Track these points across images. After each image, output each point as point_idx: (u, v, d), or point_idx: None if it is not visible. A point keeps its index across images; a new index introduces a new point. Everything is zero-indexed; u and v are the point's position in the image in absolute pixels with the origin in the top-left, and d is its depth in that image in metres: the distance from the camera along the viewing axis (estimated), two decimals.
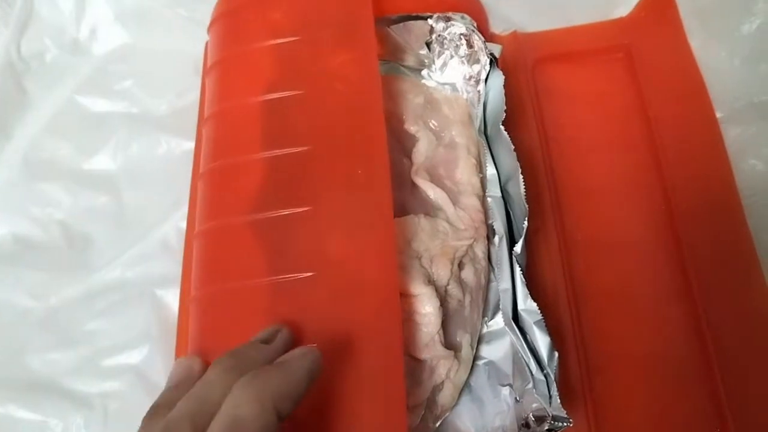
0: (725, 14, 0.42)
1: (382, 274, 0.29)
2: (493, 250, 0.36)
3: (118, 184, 0.42)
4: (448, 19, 0.39)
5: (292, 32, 0.36)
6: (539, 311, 0.31)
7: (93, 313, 0.38)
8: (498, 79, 0.36)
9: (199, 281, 0.33)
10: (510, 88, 0.40)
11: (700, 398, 0.34)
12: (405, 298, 0.32)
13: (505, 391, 0.33)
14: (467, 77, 0.41)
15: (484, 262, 0.35)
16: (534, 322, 0.31)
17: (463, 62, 0.40)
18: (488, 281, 0.36)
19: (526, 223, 0.32)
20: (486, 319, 0.35)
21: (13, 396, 0.36)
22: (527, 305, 0.32)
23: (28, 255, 0.40)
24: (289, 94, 0.35)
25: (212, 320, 0.31)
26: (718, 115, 0.40)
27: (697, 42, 0.42)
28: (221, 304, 0.31)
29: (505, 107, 0.35)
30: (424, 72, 0.42)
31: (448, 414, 0.33)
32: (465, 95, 0.41)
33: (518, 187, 0.33)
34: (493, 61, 0.37)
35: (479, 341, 0.35)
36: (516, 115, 0.40)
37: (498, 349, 0.34)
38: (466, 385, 0.34)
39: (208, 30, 0.40)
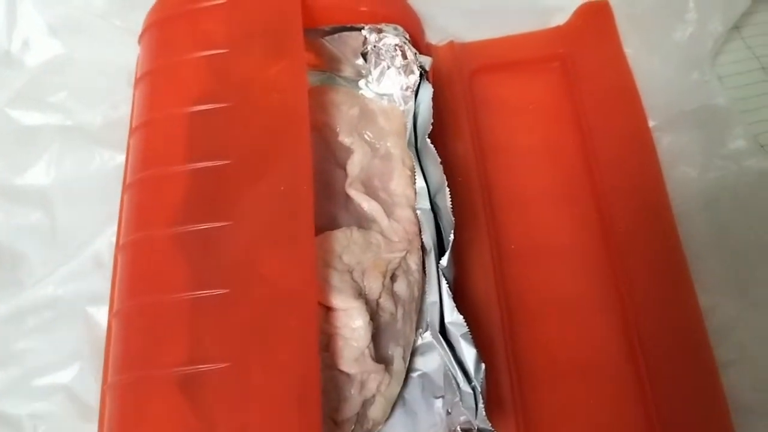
0: (659, 22, 0.43)
1: (301, 288, 0.29)
2: (427, 262, 0.36)
3: (51, 200, 0.42)
4: (380, 31, 0.39)
5: (221, 44, 0.36)
6: (465, 324, 0.31)
7: (23, 331, 0.38)
8: (427, 91, 0.37)
9: (120, 295, 0.33)
10: (446, 99, 0.40)
11: (631, 408, 0.34)
12: (334, 312, 0.33)
13: (438, 403, 0.34)
14: (404, 87, 0.41)
15: (417, 274, 0.36)
16: (461, 335, 0.31)
17: (399, 72, 0.41)
18: (422, 293, 0.36)
19: (452, 235, 0.33)
20: (420, 330, 0.36)
21: None
22: (454, 318, 0.32)
23: None
24: (216, 107, 0.35)
25: (130, 335, 0.32)
26: (651, 123, 0.41)
27: (632, 50, 0.42)
28: (140, 319, 0.32)
29: (432, 120, 0.35)
30: (362, 82, 0.42)
31: (380, 428, 0.33)
32: (402, 106, 0.41)
33: (445, 200, 0.34)
34: (423, 74, 0.38)
35: (414, 353, 0.35)
36: (451, 126, 0.40)
37: (431, 361, 0.35)
38: (400, 398, 0.34)
39: (139, 40, 0.40)
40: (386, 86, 0.41)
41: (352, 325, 0.32)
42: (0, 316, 0.38)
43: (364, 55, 0.41)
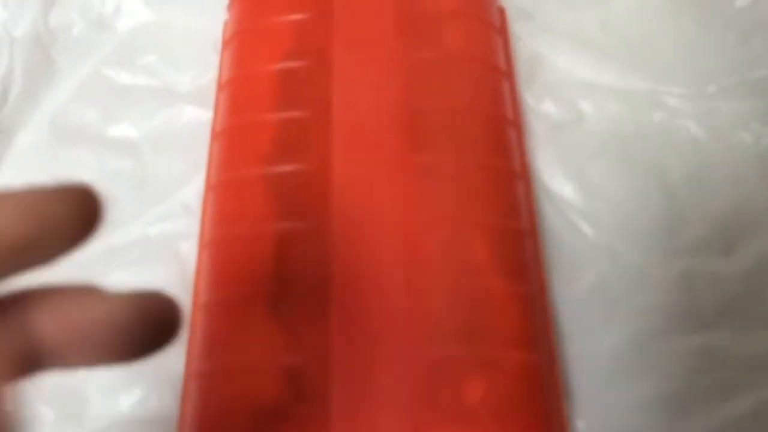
0: None
1: None
2: None
3: (141, 150, 0.47)
4: None
5: (309, 10, 0.41)
6: None
7: (115, 266, 0.43)
8: None
9: (212, 227, 0.38)
10: None
11: None
12: None
13: None
14: None
15: None
16: None
17: None
18: None
19: None
20: None
21: None
22: None
23: None
24: (303, 64, 0.40)
25: (220, 263, 0.37)
26: (711, 89, 0.44)
27: (695, 15, 0.46)
28: (230, 249, 0.37)
29: None
30: None
31: None
32: None
33: None
34: None
35: None
36: None
37: None
38: None
39: (228, 7, 0.46)
40: None
41: None
42: (94, 252, 0.44)
43: None
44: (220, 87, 0.44)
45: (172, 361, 0.39)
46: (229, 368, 0.34)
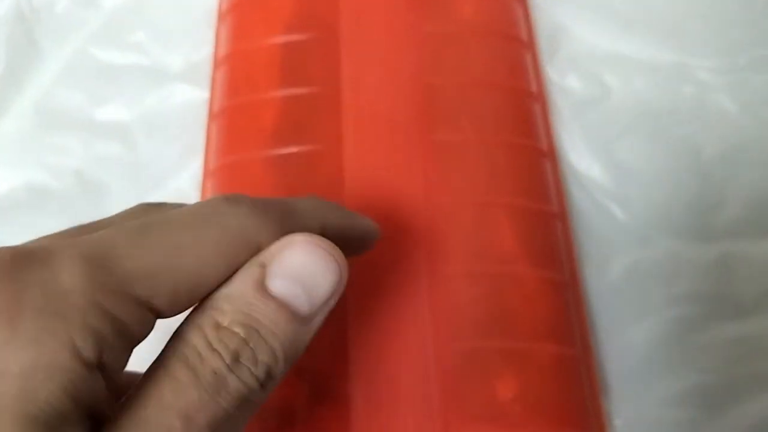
0: None
1: None
2: None
3: (132, 134, 0.44)
4: None
5: None
6: None
7: None
8: None
9: None
10: None
11: None
12: None
13: None
14: None
15: None
16: None
17: None
18: None
19: None
20: None
21: None
22: None
23: (41, 203, 0.43)
24: (306, 37, 0.37)
25: None
26: (741, 62, 0.42)
27: None
28: None
29: None
30: None
31: None
32: None
33: None
34: None
35: None
36: None
37: None
38: None
39: None
40: None
41: None
42: None
43: None
44: (217, 64, 0.41)
45: None
46: None
